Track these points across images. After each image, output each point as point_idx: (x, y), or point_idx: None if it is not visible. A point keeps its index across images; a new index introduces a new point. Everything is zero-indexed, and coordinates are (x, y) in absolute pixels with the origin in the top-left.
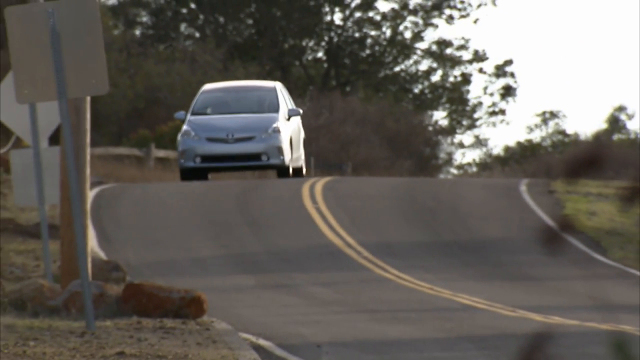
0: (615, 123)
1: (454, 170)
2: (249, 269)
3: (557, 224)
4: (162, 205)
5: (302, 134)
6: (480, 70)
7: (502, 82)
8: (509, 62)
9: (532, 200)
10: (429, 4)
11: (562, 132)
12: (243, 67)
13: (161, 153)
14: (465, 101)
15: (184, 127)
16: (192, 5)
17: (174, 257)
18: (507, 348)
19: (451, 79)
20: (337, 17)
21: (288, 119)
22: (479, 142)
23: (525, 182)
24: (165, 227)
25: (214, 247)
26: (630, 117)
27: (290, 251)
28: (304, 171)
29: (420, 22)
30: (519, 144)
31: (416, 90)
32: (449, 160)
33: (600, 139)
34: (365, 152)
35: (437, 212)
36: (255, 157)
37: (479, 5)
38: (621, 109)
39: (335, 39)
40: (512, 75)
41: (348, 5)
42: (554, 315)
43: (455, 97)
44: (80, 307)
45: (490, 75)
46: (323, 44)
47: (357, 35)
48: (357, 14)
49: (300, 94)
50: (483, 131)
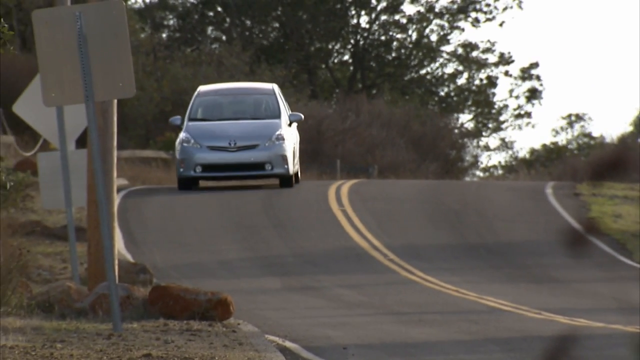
0: None
1: (479, 173)
2: (276, 271)
3: (582, 227)
4: (189, 207)
5: (297, 138)
6: (506, 73)
7: (528, 84)
8: (534, 65)
9: (557, 203)
10: (455, 7)
11: (588, 135)
12: (269, 70)
13: None
14: (491, 104)
15: (183, 134)
16: (219, 9)
17: (200, 259)
18: (532, 350)
19: (477, 82)
20: (363, 20)
21: (289, 125)
22: (505, 145)
23: (551, 184)
24: (192, 229)
25: (240, 249)
26: None
27: (316, 253)
28: (299, 176)
29: (446, 25)
30: (544, 146)
31: (442, 93)
32: (475, 163)
33: (626, 141)
34: (391, 154)
35: (463, 214)
36: (259, 166)
37: (505, 8)
38: None
39: (362, 42)
40: (538, 78)
41: (374, 8)
42: (580, 318)
43: (481, 99)
44: (107, 310)
45: (516, 78)
46: (349, 47)
47: (383, 38)
48: (383, 17)
49: (327, 97)
50: (509, 134)
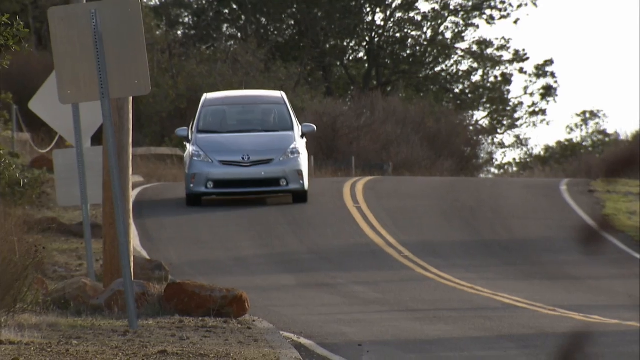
0: None
1: (494, 170)
2: (291, 268)
3: (596, 224)
4: (204, 204)
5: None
6: (521, 70)
7: (543, 82)
8: (549, 62)
9: (572, 200)
10: (470, 4)
11: (602, 132)
12: (284, 68)
13: None
14: (505, 101)
15: (192, 147)
16: (234, 6)
17: (215, 256)
18: (547, 347)
19: (492, 79)
20: (378, 18)
21: (302, 137)
22: (520, 142)
23: (565, 181)
24: (207, 226)
25: (255, 246)
26: None
27: (331, 250)
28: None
29: (461, 22)
30: (559, 143)
31: (457, 90)
32: (490, 160)
33: None
34: (406, 151)
35: (478, 211)
36: (274, 182)
37: (519, 6)
38: None
39: (377, 39)
40: (553, 75)
41: (389, 6)
42: (594, 315)
43: (495, 97)
44: (123, 306)
45: (530, 75)
46: (364, 44)
47: (398, 35)
48: (398, 14)
49: (342, 94)
50: (523, 131)
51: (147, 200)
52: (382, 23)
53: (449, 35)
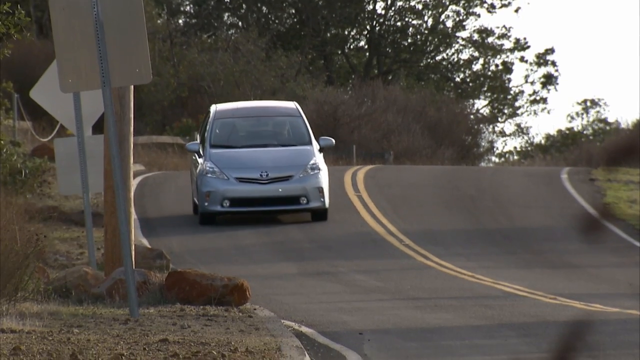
0: None
1: (495, 159)
2: (292, 256)
3: (597, 212)
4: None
5: None
6: (522, 59)
7: (544, 70)
8: (550, 51)
9: (573, 188)
10: None
11: (603, 121)
12: (285, 56)
13: None
14: (506, 90)
15: (206, 163)
16: None
17: (216, 245)
18: (548, 335)
19: (492, 68)
20: (379, 6)
21: (320, 151)
22: (520, 131)
23: (566, 170)
24: None
25: (256, 235)
26: None
27: (332, 239)
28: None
29: (462, 10)
30: (560, 132)
31: (458, 79)
32: (490, 149)
33: None
34: (407, 140)
35: (479, 200)
36: (294, 200)
37: None
38: None
39: (377, 28)
40: (554, 63)
41: None
42: (595, 303)
43: (496, 85)
44: (124, 295)
45: (531, 64)
46: (365, 33)
47: (399, 24)
48: (399, 3)
49: (343, 82)
50: (524, 119)
51: (149, 189)
52: (383, 12)
53: (449, 24)
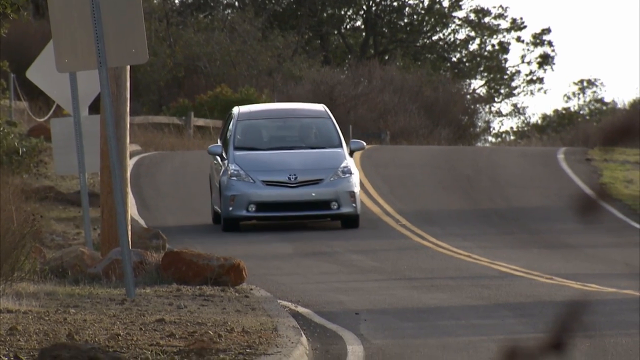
0: None
1: (491, 139)
2: (288, 236)
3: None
4: (201, 173)
5: None
6: (518, 39)
7: (540, 50)
8: (546, 31)
9: (569, 169)
10: None
11: (600, 101)
12: (282, 36)
13: (200, 122)
14: (503, 70)
15: (230, 166)
16: None
17: (213, 224)
18: (544, 315)
19: (489, 48)
20: None
21: (351, 154)
22: (517, 111)
23: (562, 150)
24: (205, 194)
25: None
26: None
27: (328, 219)
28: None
29: None
30: (556, 112)
31: (454, 59)
32: (487, 129)
33: (638, 107)
34: (404, 120)
35: (475, 180)
36: (324, 204)
37: None
38: None
39: (374, 8)
40: (550, 43)
41: None
42: (592, 283)
43: (493, 65)
44: (121, 275)
45: (528, 44)
46: (361, 12)
47: (395, 4)
48: None
49: (339, 63)
50: (521, 99)
51: (145, 169)
52: None
53: (446, 3)
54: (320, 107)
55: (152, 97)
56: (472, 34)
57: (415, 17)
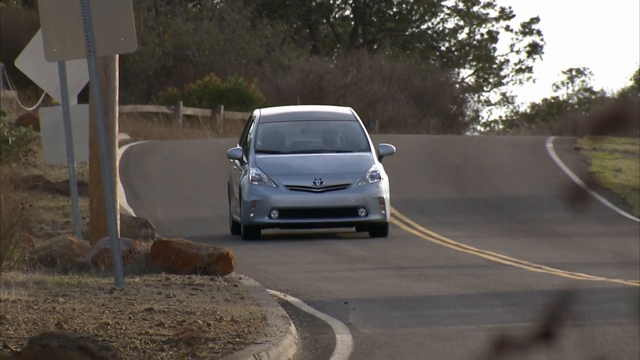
0: None
1: (480, 128)
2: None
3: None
4: (190, 162)
5: None
6: (507, 28)
7: (529, 39)
8: (535, 20)
9: (558, 158)
10: None
11: (589, 90)
12: (271, 25)
13: (189, 110)
14: (491, 59)
15: (252, 170)
16: None
17: (202, 214)
18: (533, 304)
19: (478, 37)
20: None
21: (380, 159)
22: (506, 100)
23: (551, 139)
24: (194, 184)
25: None
26: None
27: None
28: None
29: None
30: (545, 101)
31: (443, 48)
32: (476, 118)
33: (627, 96)
34: (392, 109)
35: (464, 169)
36: (351, 211)
37: None
38: None
39: None
40: (539, 32)
41: None
42: (580, 272)
43: (481, 54)
44: (109, 264)
45: (516, 33)
46: (350, 1)
47: None
48: None
49: (328, 52)
50: (510, 88)
51: (134, 158)
52: None
53: None
54: (347, 110)
55: (141, 86)
56: (461, 23)
57: (404, 6)
